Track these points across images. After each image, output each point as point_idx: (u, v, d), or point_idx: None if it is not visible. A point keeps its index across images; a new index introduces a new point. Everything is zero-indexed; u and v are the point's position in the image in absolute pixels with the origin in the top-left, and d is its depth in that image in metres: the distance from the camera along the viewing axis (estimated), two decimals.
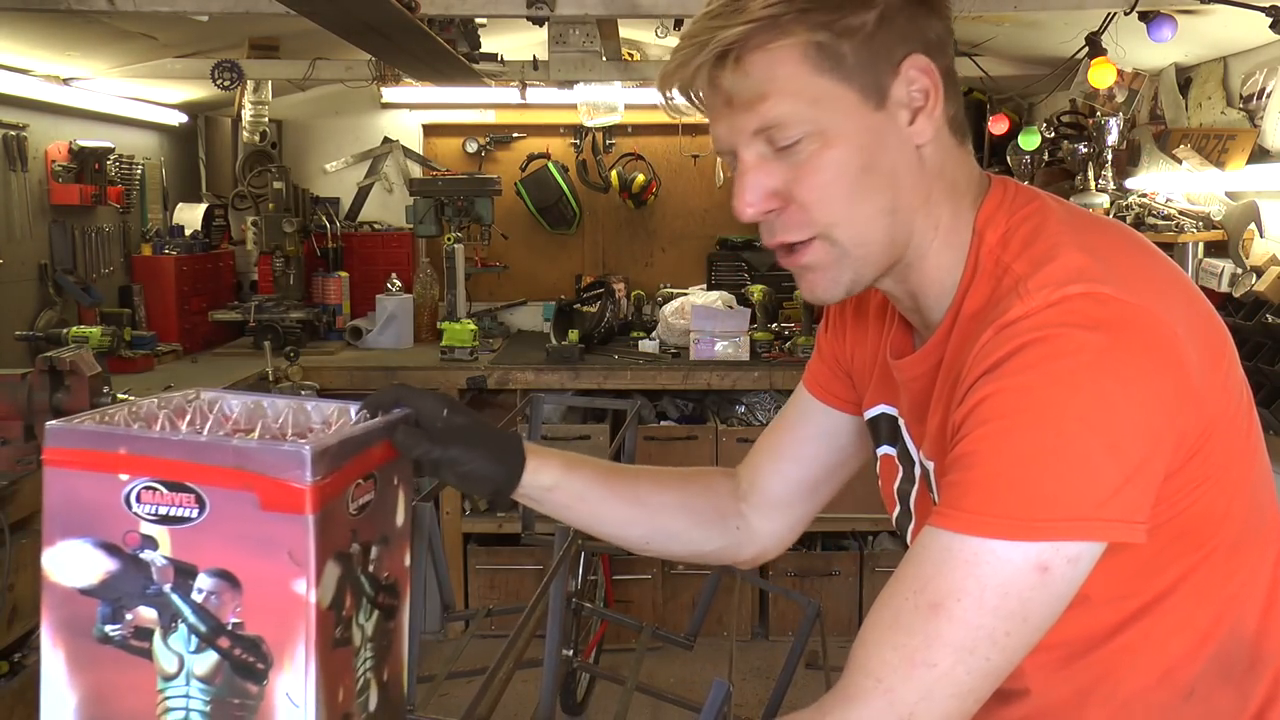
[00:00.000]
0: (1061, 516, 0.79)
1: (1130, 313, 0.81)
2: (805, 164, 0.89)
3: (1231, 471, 0.89)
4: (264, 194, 4.52)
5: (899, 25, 0.88)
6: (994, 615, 0.79)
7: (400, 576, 0.98)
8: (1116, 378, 0.80)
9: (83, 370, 2.44)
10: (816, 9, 0.86)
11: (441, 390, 1.71)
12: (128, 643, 0.85)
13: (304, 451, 0.80)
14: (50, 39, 3.28)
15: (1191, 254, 3.09)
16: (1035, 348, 0.81)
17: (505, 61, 3.93)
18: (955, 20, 0.97)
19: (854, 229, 0.91)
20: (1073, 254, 0.85)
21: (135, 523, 0.83)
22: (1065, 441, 0.79)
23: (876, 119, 0.89)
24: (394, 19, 2.55)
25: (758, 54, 0.87)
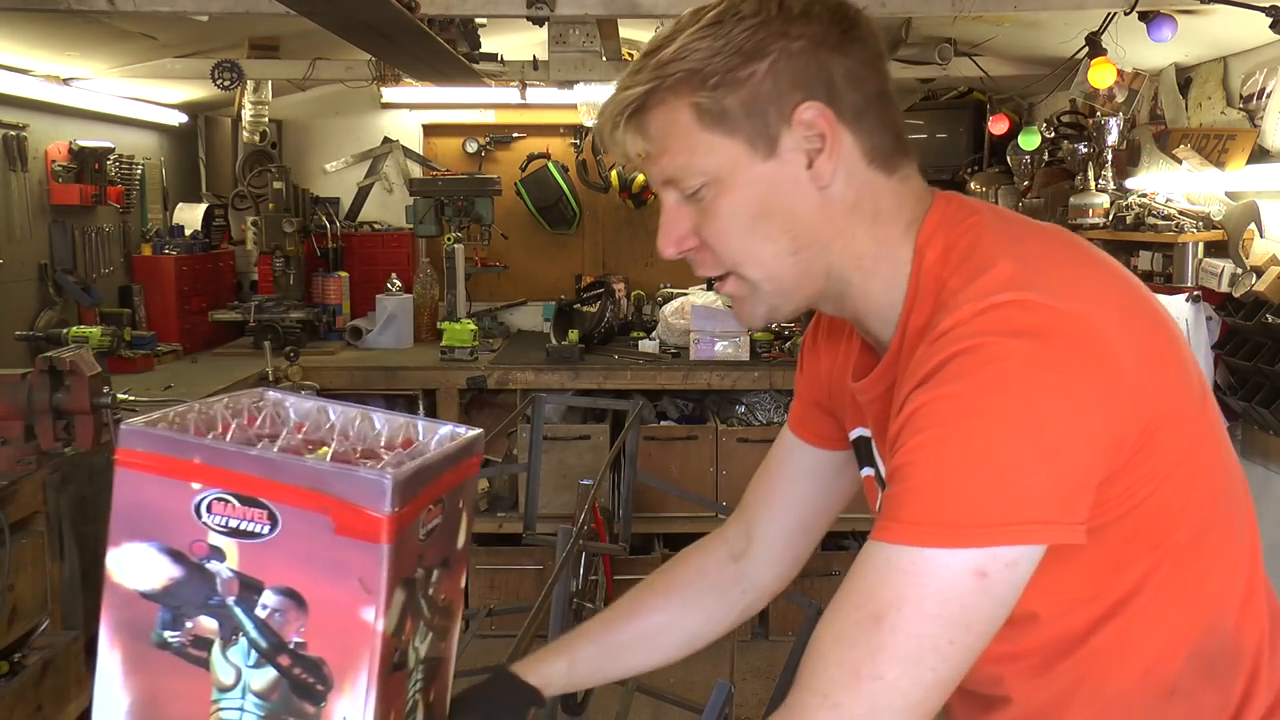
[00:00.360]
0: (996, 522, 0.79)
1: (1057, 318, 0.82)
2: (707, 210, 0.95)
3: (1184, 467, 0.89)
4: (264, 194, 4.52)
5: (792, 73, 0.91)
6: (936, 623, 0.80)
7: (455, 598, 0.97)
8: (1044, 382, 0.80)
9: (83, 370, 2.44)
10: (703, 68, 0.90)
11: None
12: (185, 650, 0.84)
13: (385, 481, 0.79)
14: (50, 39, 3.28)
15: (1191, 254, 3.09)
16: (964, 357, 0.82)
17: (505, 61, 3.93)
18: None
19: (759, 268, 0.96)
20: (1004, 264, 0.87)
21: (204, 532, 0.82)
22: (996, 447, 0.80)
23: (768, 168, 0.92)
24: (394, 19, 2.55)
25: (652, 114, 0.93)
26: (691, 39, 0.91)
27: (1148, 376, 0.86)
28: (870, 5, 2.94)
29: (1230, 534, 0.95)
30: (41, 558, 2.38)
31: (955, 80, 4.50)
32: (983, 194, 4.57)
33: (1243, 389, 2.81)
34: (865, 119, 0.93)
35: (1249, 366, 2.76)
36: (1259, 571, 0.98)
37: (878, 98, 0.94)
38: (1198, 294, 2.97)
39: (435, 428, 0.97)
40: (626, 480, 2.99)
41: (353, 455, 0.93)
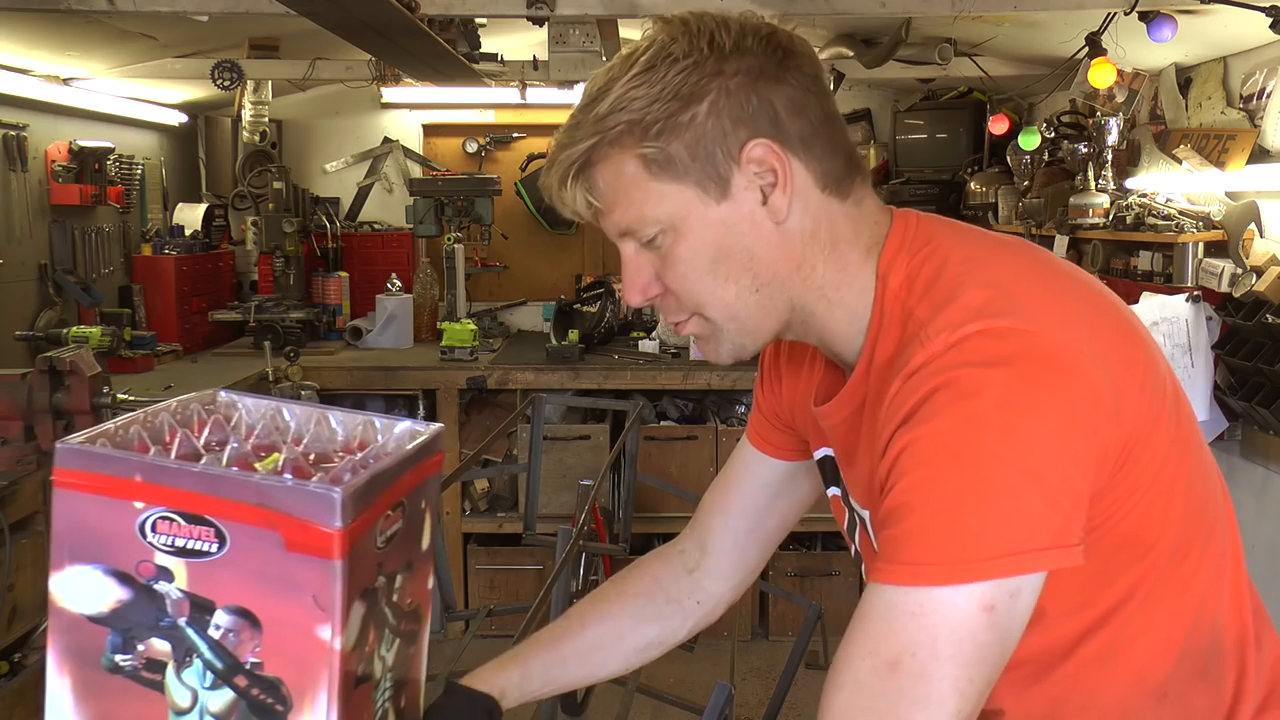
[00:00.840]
0: (998, 554, 0.79)
1: (1031, 342, 0.82)
2: (666, 257, 0.94)
3: (1163, 476, 0.90)
4: (264, 194, 4.52)
5: (733, 110, 0.89)
6: (952, 664, 0.79)
7: (422, 601, 0.95)
8: (1024, 410, 0.80)
9: (83, 370, 2.44)
10: (643, 118, 0.89)
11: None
12: (138, 674, 0.81)
13: (334, 495, 0.76)
14: (50, 39, 3.28)
15: (1191, 254, 3.09)
16: (942, 392, 0.82)
17: (505, 61, 3.93)
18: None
19: (721, 310, 0.95)
20: (971, 291, 0.86)
21: (150, 552, 0.79)
22: (987, 480, 0.80)
23: (721, 210, 0.91)
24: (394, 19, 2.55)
25: (597, 170, 0.92)
26: (627, 88, 0.89)
27: (1121, 390, 0.86)
28: (870, 5, 2.94)
29: (1212, 534, 0.96)
30: (42, 558, 2.38)
31: (955, 80, 4.50)
32: (983, 194, 4.57)
33: (1243, 389, 2.81)
34: (814, 146, 0.92)
35: (1249, 366, 2.76)
36: (1240, 568, 0.99)
37: (824, 122, 0.92)
38: (1198, 294, 2.97)
39: (393, 425, 0.94)
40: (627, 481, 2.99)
41: (304, 462, 0.90)
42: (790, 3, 2.95)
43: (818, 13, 3.02)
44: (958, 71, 3.98)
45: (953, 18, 3.18)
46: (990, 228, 4.47)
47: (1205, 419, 2.95)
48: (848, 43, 3.94)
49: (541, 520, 3.31)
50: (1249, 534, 2.92)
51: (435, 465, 0.94)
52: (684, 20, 0.92)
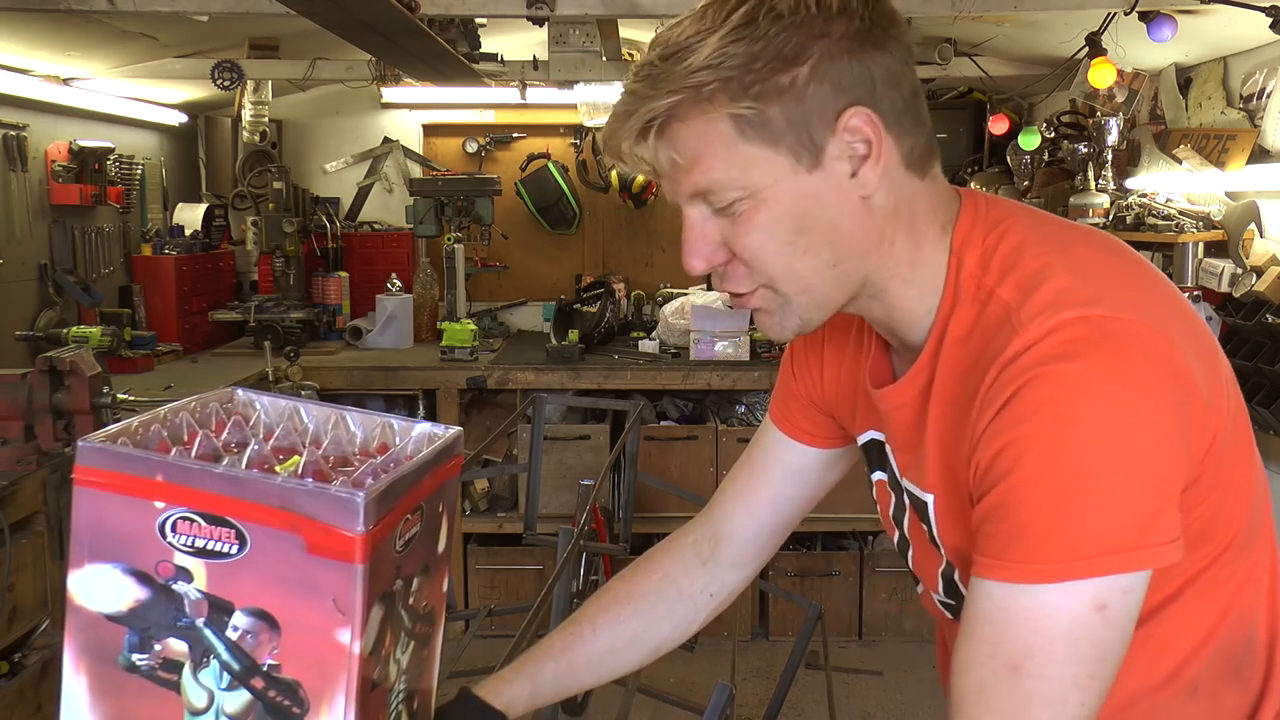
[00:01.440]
0: (1106, 550, 0.79)
1: (1126, 329, 0.81)
2: (740, 224, 0.89)
3: (1236, 472, 0.90)
4: (264, 194, 4.52)
5: (835, 75, 0.85)
6: (1070, 663, 0.80)
7: (437, 603, 0.95)
8: (1123, 403, 0.79)
9: (83, 370, 2.44)
10: (741, 74, 0.84)
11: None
12: (155, 673, 0.81)
13: (357, 500, 0.76)
14: (50, 39, 3.28)
15: (1191, 254, 3.09)
16: (1039, 386, 0.81)
17: (505, 61, 3.93)
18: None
19: (795, 283, 0.91)
20: (1059, 276, 0.85)
21: (169, 553, 0.79)
22: (1091, 477, 0.79)
23: (811, 180, 0.87)
24: (394, 19, 2.55)
25: (683, 126, 0.86)
26: (725, 42, 0.84)
27: (1209, 382, 0.85)
28: None
29: (1258, 537, 0.95)
30: (41, 558, 2.38)
31: (955, 80, 4.50)
32: None
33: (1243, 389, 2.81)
34: (904, 120, 0.89)
35: (1249, 366, 2.76)
36: (1276, 567, 0.98)
37: (913, 96, 0.90)
38: (1198, 294, 2.97)
39: (411, 428, 0.94)
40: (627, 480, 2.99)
41: (324, 465, 0.90)
42: None
43: None
44: (958, 71, 3.99)
45: (953, 18, 3.18)
46: None
47: None
48: None
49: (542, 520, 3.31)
50: None
51: (454, 469, 0.94)
52: None
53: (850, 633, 4.18)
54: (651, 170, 0.91)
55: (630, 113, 0.88)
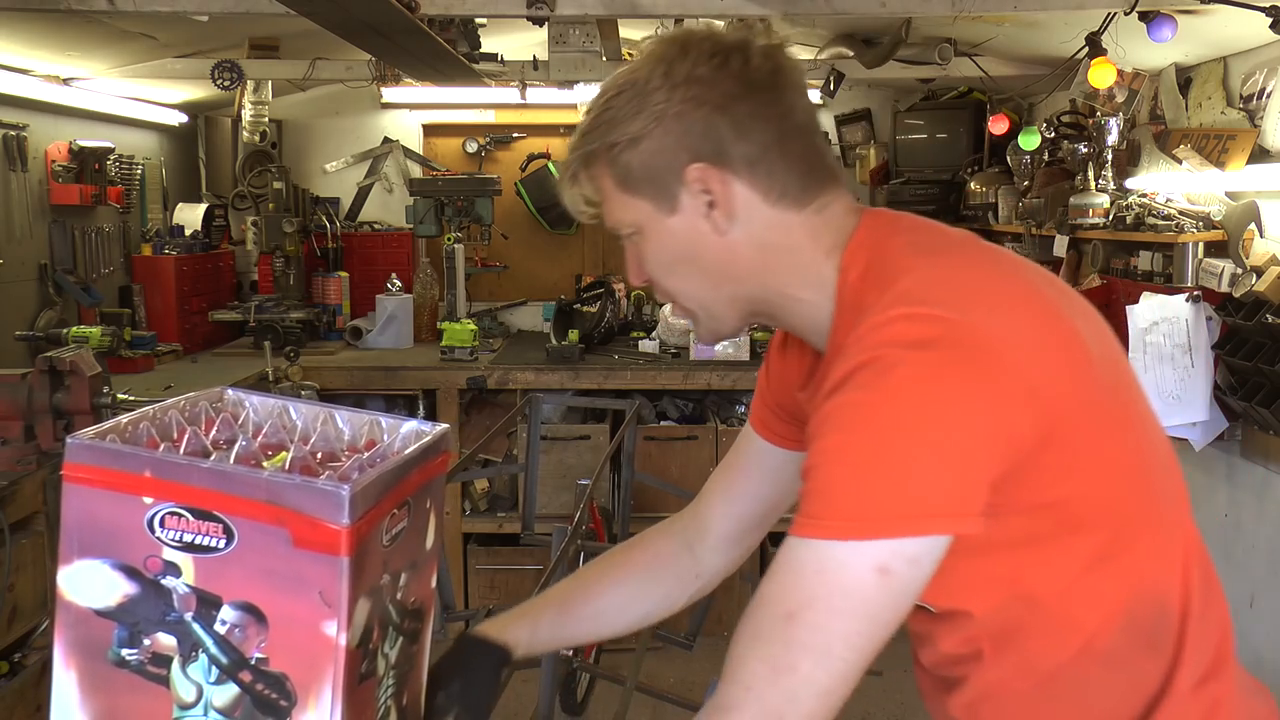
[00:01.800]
0: (890, 515, 0.86)
1: (948, 328, 0.89)
2: (639, 253, 1.08)
3: (1096, 458, 0.95)
4: (264, 194, 4.52)
5: (678, 135, 1.00)
6: (842, 618, 0.87)
7: (426, 599, 0.95)
8: (933, 387, 0.88)
9: (83, 370, 2.44)
10: (610, 138, 1.02)
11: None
12: (144, 668, 0.82)
13: (342, 493, 0.77)
14: (50, 39, 3.28)
15: (1191, 254, 3.09)
16: (866, 368, 0.89)
17: (505, 61, 3.93)
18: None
19: (689, 301, 1.09)
20: (905, 279, 0.94)
21: (158, 548, 0.80)
22: (891, 448, 0.87)
23: (672, 222, 1.03)
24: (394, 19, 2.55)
25: (587, 176, 1.06)
26: (603, 110, 1.03)
27: (1053, 376, 0.92)
28: (870, 5, 2.94)
29: (1163, 515, 1.01)
30: (42, 558, 2.38)
31: (955, 80, 4.50)
32: (982, 194, 4.57)
33: (1243, 389, 2.81)
34: (760, 165, 1.01)
35: (1249, 366, 2.75)
36: (1191, 544, 1.04)
37: (776, 140, 1.01)
38: (1198, 294, 2.97)
39: (399, 425, 0.95)
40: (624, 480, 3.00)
41: (312, 460, 0.90)
42: (790, 3, 2.95)
43: (818, 13, 3.02)
44: (958, 71, 3.98)
45: (953, 18, 3.18)
46: (990, 227, 4.48)
47: (1205, 419, 2.95)
48: (848, 43, 3.94)
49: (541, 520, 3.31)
50: (1249, 534, 2.92)
51: (441, 466, 0.95)
52: (658, 43, 1.03)
53: None
54: (585, 209, 1.10)
55: (562, 164, 1.09)
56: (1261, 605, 2.86)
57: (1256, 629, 2.87)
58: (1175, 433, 2.99)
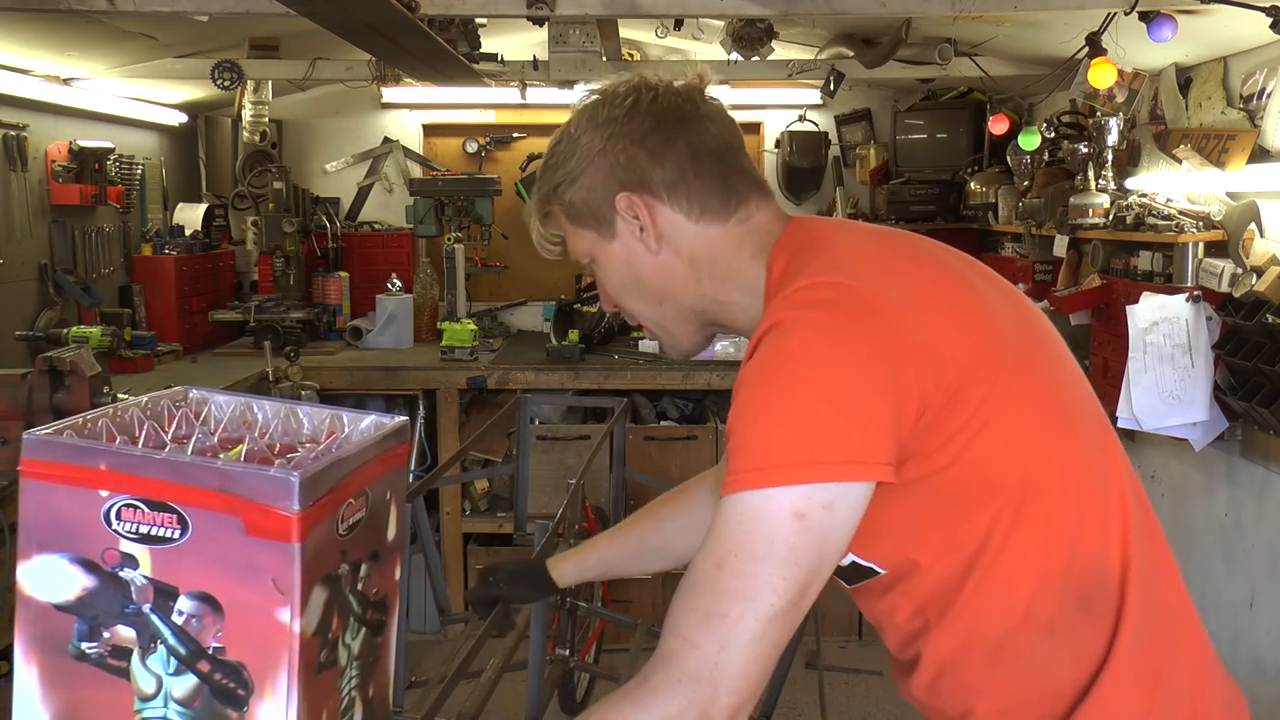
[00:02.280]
0: (796, 461, 0.92)
1: (843, 292, 0.98)
2: (597, 278, 1.22)
3: (1002, 420, 1.00)
4: (264, 194, 4.53)
5: (605, 171, 1.13)
6: (766, 562, 0.92)
7: (390, 591, 0.96)
8: (828, 342, 0.96)
9: (83, 370, 2.44)
10: (555, 180, 1.16)
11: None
12: (104, 661, 0.83)
13: (292, 479, 0.78)
14: (50, 39, 3.28)
15: (1191, 254, 3.09)
16: (769, 331, 0.98)
17: (505, 61, 3.93)
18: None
19: (645, 319, 1.21)
20: (815, 260, 1.04)
21: (115, 540, 0.81)
22: (791, 401, 0.94)
23: (614, 247, 1.16)
24: (394, 19, 2.55)
25: (549, 215, 1.20)
26: (549, 157, 1.18)
27: (950, 339, 0.99)
28: (870, 5, 2.94)
29: (1077, 476, 1.05)
30: None
31: (955, 80, 4.50)
32: (982, 194, 4.57)
33: (1243, 389, 2.81)
34: (679, 188, 1.13)
35: (1249, 366, 2.75)
36: (1128, 507, 1.08)
37: (690, 163, 1.12)
38: (1198, 294, 2.97)
39: (360, 419, 0.96)
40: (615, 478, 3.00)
41: (269, 453, 0.91)
42: (790, 3, 2.95)
43: (818, 13, 3.02)
44: (958, 71, 3.98)
45: (953, 18, 3.18)
46: (990, 227, 4.48)
47: (1205, 419, 2.95)
48: (848, 43, 3.94)
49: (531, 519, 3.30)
50: (1249, 534, 2.92)
51: (400, 457, 0.96)
52: (591, 96, 1.17)
53: (850, 633, 4.18)
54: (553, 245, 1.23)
55: (531, 212, 1.23)
56: (1261, 605, 2.86)
57: (1256, 629, 2.86)
58: (1175, 433, 2.99)
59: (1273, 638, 2.81)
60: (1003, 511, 1.01)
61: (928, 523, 1.02)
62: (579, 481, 2.48)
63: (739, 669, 0.92)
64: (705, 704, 0.92)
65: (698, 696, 0.92)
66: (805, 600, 0.94)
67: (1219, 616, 3.02)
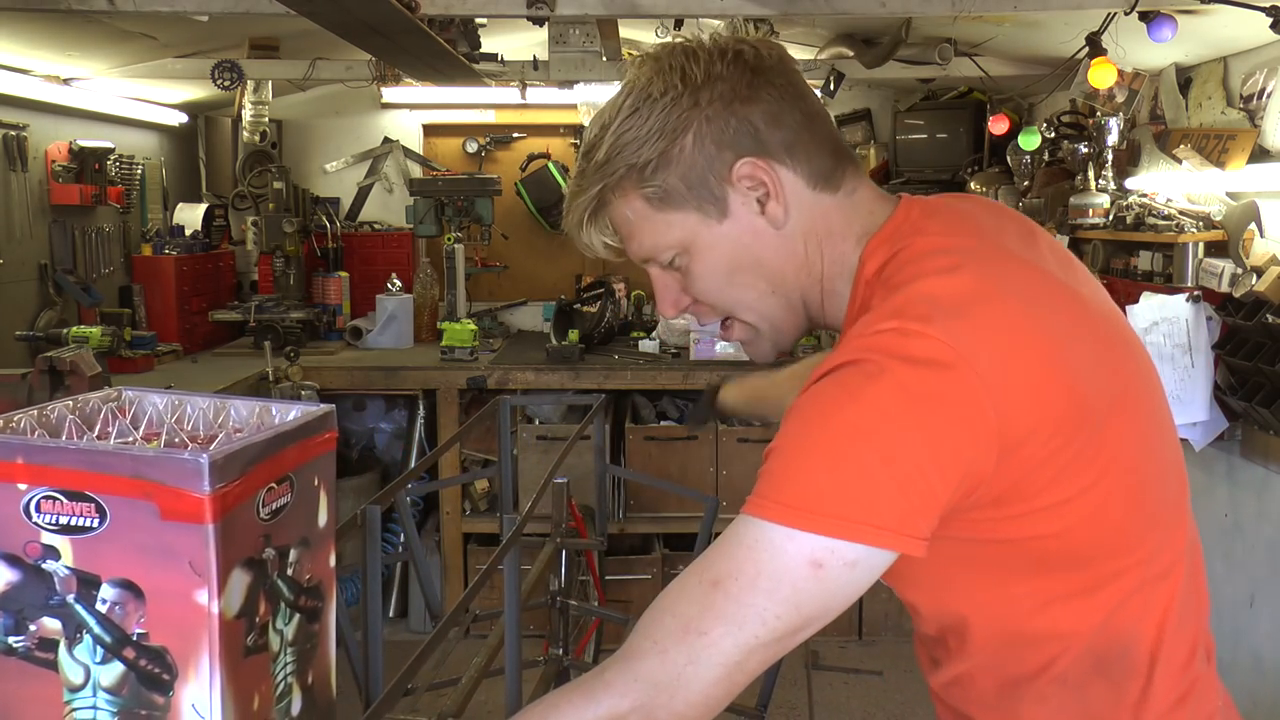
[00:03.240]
0: (833, 513, 0.85)
1: (935, 351, 0.86)
2: (686, 274, 1.04)
3: (1087, 501, 0.92)
4: (264, 194, 4.52)
5: (716, 136, 0.97)
6: (765, 598, 0.86)
7: (325, 578, 0.97)
8: (908, 404, 0.86)
9: (83, 370, 2.44)
10: (637, 160, 0.98)
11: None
12: (32, 654, 0.83)
13: (201, 460, 0.78)
14: (50, 39, 3.28)
15: (1191, 254, 3.09)
16: (851, 366, 0.89)
17: (505, 61, 3.93)
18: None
19: (750, 313, 1.05)
20: (913, 288, 0.91)
21: (36, 533, 0.82)
22: (844, 447, 0.86)
23: (724, 227, 1.00)
24: (394, 19, 2.55)
25: (610, 210, 1.03)
26: (619, 134, 0.99)
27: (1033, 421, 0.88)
28: (870, 5, 2.93)
29: (1143, 547, 0.97)
30: None
31: (955, 80, 4.50)
32: (982, 194, 4.57)
33: (1243, 389, 2.81)
34: (797, 150, 0.99)
35: (1249, 366, 2.75)
36: (1174, 582, 1.00)
37: (804, 124, 0.99)
38: (1198, 294, 2.97)
39: (289, 409, 0.97)
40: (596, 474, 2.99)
41: (190, 442, 0.92)
42: (790, 3, 2.94)
43: (818, 13, 3.02)
44: (958, 71, 3.98)
45: (953, 18, 3.18)
46: None
47: (1205, 419, 2.95)
48: (848, 43, 3.94)
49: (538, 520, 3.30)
50: (1249, 534, 2.92)
51: (327, 444, 0.96)
52: (655, 58, 1.00)
53: (850, 633, 4.18)
54: (603, 251, 1.07)
55: (569, 209, 1.05)
56: (1261, 605, 2.86)
57: (1256, 629, 2.86)
58: None
59: (1273, 638, 2.81)
60: (1050, 588, 0.96)
61: (987, 581, 0.97)
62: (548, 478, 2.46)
63: (701, 688, 0.87)
64: (656, 710, 0.87)
65: (650, 701, 0.87)
66: (793, 641, 0.89)
67: (1219, 616, 3.02)
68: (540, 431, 4.11)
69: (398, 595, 4.40)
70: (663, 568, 4.09)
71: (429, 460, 2.30)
